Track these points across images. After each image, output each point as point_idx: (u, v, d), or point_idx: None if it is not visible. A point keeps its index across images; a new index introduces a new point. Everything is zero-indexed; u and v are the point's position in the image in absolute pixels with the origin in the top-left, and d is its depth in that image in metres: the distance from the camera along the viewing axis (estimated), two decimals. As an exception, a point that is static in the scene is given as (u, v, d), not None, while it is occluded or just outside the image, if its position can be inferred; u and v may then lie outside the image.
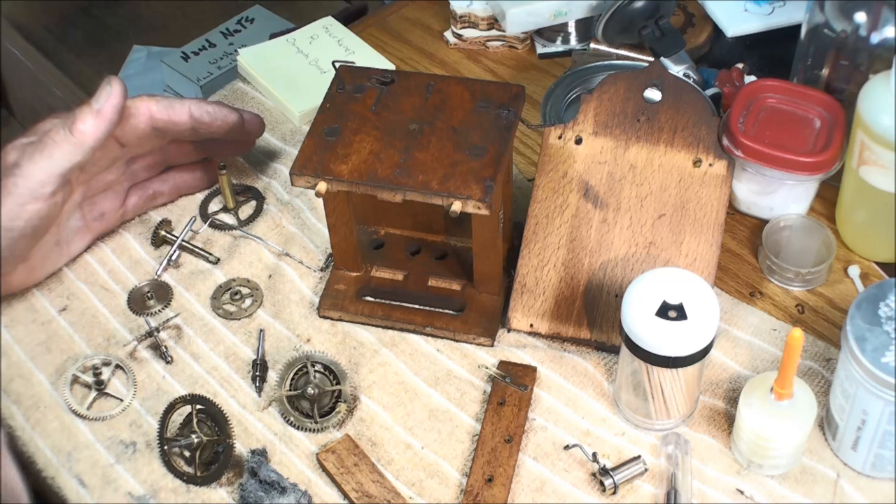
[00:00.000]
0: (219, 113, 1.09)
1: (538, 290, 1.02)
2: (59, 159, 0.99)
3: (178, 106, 1.06)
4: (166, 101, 1.06)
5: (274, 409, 0.99)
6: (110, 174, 1.08)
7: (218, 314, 1.06)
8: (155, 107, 1.05)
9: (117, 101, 1.01)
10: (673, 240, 1.02)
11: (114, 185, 1.10)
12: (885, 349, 0.85)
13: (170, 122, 1.06)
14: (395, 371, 1.01)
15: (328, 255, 1.09)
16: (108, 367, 1.01)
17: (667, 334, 0.88)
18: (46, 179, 0.99)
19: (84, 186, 1.06)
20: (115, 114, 1.01)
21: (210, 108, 1.08)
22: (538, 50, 1.32)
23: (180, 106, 1.07)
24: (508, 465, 0.93)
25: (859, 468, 0.92)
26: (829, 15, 1.09)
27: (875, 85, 1.00)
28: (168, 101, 1.06)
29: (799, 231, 1.08)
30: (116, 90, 1.01)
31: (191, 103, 1.07)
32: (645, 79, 1.05)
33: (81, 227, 1.08)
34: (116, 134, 1.04)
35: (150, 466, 0.95)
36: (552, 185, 1.04)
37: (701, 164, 1.03)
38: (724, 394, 0.98)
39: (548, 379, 0.99)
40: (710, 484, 0.92)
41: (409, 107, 1.01)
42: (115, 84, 1.01)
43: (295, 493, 0.92)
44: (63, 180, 1.00)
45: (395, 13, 1.39)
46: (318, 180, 0.96)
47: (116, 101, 1.01)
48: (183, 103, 1.07)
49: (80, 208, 1.07)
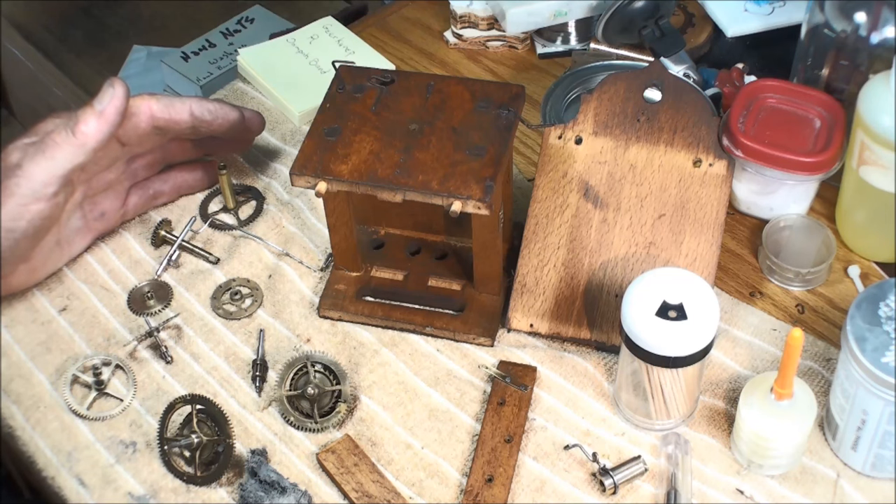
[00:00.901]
0: (220, 111, 1.09)
1: (538, 290, 1.02)
2: (61, 160, 0.99)
3: (178, 105, 1.07)
4: (167, 99, 1.06)
5: (274, 409, 0.99)
6: (111, 173, 1.08)
7: (218, 314, 1.06)
8: (156, 106, 1.05)
9: (119, 102, 1.01)
10: (673, 240, 1.02)
11: (114, 185, 1.10)
12: (885, 349, 0.85)
13: (171, 121, 1.06)
14: (395, 371, 1.01)
15: (328, 255, 1.09)
16: (108, 367, 1.01)
17: (667, 334, 0.88)
18: (48, 180, 0.99)
19: (85, 186, 1.06)
20: (117, 115, 1.01)
21: (211, 106, 1.08)
22: (538, 50, 1.32)
23: (181, 105, 1.07)
24: (508, 465, 0.93)
25: (859, 468, 0.92)
26: (829, 15, 1.09)
27: (875, 85, 1.00)
28: (169, 99, 1.07)
29: (799, 231, 1.08)
30: (119, 92, 1.01)
31: (192, 102, 1.07)
32: (645, 79, 1.05)
33: (82, 227, 1.08)
34: (117, 133, 1.04)
35: (150, 466, 0.95)
36: (552, 185, 1.04)
37: (701, 164, 1.03)
38: (724, 394, 0.98)
39: (548, 379, 0.99)
40: (710, 484, 0.92)
41: (409, 107, 1.01)
42: (118, 85, 1.01)
43: (295, 493, 0.92)
44: (65, 181, 1.00)
45: (395, 13, 1.39)
46: (318, 180, 0.96)
47: (119, 103, 1.01)
48: (184, 102, 1.07)
49: (80, 208, 1.07)
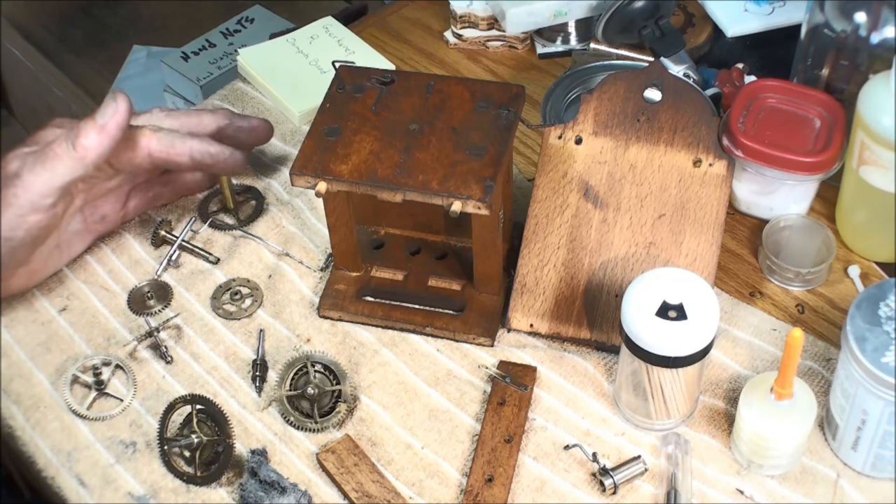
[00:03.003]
0: (222, 155, 1.06)
1: (538, 290, 1.02)
2: (60, 173, 0.99)
3: (179, 145, 1.04)
4: (168, 139, 1.04)
5: (274, 409, 0.99)
6: (111, 182, 1.08)
7: (218, 314, 1.06)
8: (156, 144, 1.03)
9: (122, 118, 1.00)
10: (673, 240, 1.02)
11: (115, 190, 1.09)
12: (885, 349, 0.85)
13: (169, 161, 1.05)
14: (395, 371, 1.01)
15: (328, 255, 1.09)
16: (108, 367, 1.01)
17: (667, 334, 0.88)
18: (47, 192, 0.99)
19: (85, 193, 1.06)
20: (118, 130, 1.00)
21: (213, 150, 1.06)
22: (538, 50, 1.32)
23: (182, 145, 1.04)
24: (508, 465, 0.93)
25: (859, 468, 0.92)
26: (829, 15, 1.09)
27: (875, 85, 1.00)
28: (170, 138, 1.04)
29: (799, 231, 1.08)
30: (122, 107, 1.00)
31: (193, 143, 1.05)
32: (645, 79, 1.05)
33: (82, 230, 1.08)
34: (113, 161, 1.03)
35: (150, 466, 0.95)
36: (552, 185, 1.04)
37: (701, 164, 1.03)
38: (724, 394, 0.98)
39: (548, 379, 0.99)
40: (710, 484, 0.92)
41: (409, 107, 1.01)
42: (121, 100, 1.00)
43: (295, 493, 0.92)
44: (64, 192, 1.00)
45: (395, 13, 1.39)
46: (318, 180, 0.96)
47: (121, 119, 1.00)
48: (185, 142, 1.04)
49: (81, 212, 1.07)
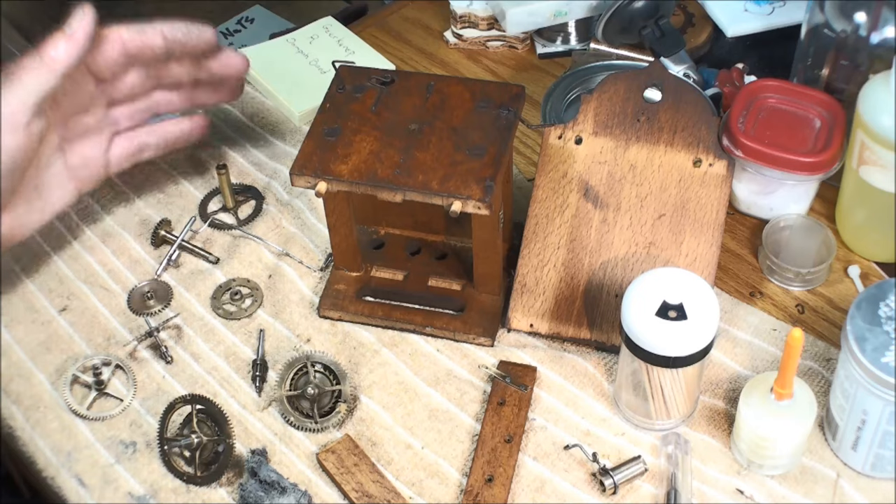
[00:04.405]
0: (193, 30, 1.07)
1: (538, 290, 1.02)
2: (31, 86, 0.97)
3: (149, 30, 1.05)
4: (137, 25, 1.05)
5: (274, 409, 0.99)
6: (89, 117, 1.06)
7: (218, 314, 1.06)
8: (126, 33, 1.04)
9: (89, 25, 0.99)
10: (673, 240, 1.02)
11: (94, 130, 1.07)
12: (885, 349, 0.85)
13: (144, 47, 1.05)
14: (395, 371, 1.01)
15: (328, 255, 1.09)
16: (108, 367, 1.01)
17: (667, 334, 0.88)
18: (19, 108, 0.97)
19: (62, 128, 1.04)
20: (86, 38, 0.99)
21: (183, 26, 1.07)
22: (538, 50, 1.32)
23: (152, 30, 1.05)
24: (508, 465, 0.93)
25: (859, 468, 0.92)
26: (829, 15, 1.09)
27: (875, 85, 1.00)
28: (139, 25, 1.05)
29: (799, 231, 1.08)
30: (88, 15, 0.99)
31: (162, 25, 1.06)
32: (645, 79, 1.05)
33: (63, 174, 1.05)
34: (89, 64, 1.03)
35: (150, 466, 0.95)
36: (552, 185, 1.04)
37: (701, 164, 1.03)
38: (724, 394, 0.98)
39: (548, 379, 0.99)
40: (710, 484, 0.92)
41: (409, 107, 1.01)
42: (87, 9, 1.00)
43: (295, 493, 0.92)
44: (37, 109, 0.98)
45: (395, 13, 1.39)
46: (318, 180, 0.96)
47: (88, 26, 0.99)
48: (154, 26, 1.05)
49: (60, 151, 1.05)
